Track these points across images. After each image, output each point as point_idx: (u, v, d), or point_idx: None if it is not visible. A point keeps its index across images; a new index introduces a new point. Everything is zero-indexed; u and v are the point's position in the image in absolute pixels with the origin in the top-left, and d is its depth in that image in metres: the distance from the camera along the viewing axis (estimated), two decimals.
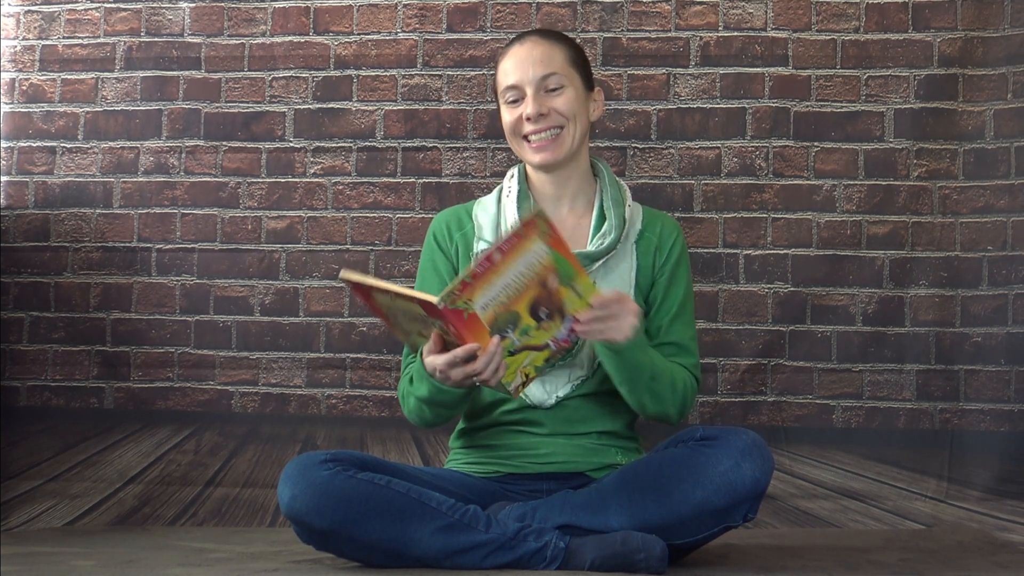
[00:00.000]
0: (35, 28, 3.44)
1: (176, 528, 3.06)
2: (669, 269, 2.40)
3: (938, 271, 3.21)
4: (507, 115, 2.36)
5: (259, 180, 3.36)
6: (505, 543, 2.13)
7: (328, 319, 3.32)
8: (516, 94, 2.35)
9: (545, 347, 2.10)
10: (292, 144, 3.36)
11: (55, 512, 3.13)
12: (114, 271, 3.38)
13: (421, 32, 3.34)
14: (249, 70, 3.38)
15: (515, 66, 2.34)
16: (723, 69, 3.28)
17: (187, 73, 3.39)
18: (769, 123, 3.26)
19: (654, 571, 2.11)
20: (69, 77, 3.43)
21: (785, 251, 3.24)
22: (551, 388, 2.31)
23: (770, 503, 3.01)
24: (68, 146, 3.42)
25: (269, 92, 3.37)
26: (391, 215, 3.33)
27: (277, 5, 3.38)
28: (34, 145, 3.43)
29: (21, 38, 3.44)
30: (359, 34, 3.36)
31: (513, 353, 2.08)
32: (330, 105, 3.36)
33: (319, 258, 3.34)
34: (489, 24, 3.32)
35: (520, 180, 2.42)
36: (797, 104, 3.26)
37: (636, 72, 3.29)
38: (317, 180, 3.35)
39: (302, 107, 3.36)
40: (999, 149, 3.21)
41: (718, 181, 3.26)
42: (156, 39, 3.41)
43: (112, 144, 3.41)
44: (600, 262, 2.34)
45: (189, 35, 3.40)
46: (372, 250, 3.32)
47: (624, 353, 2.18)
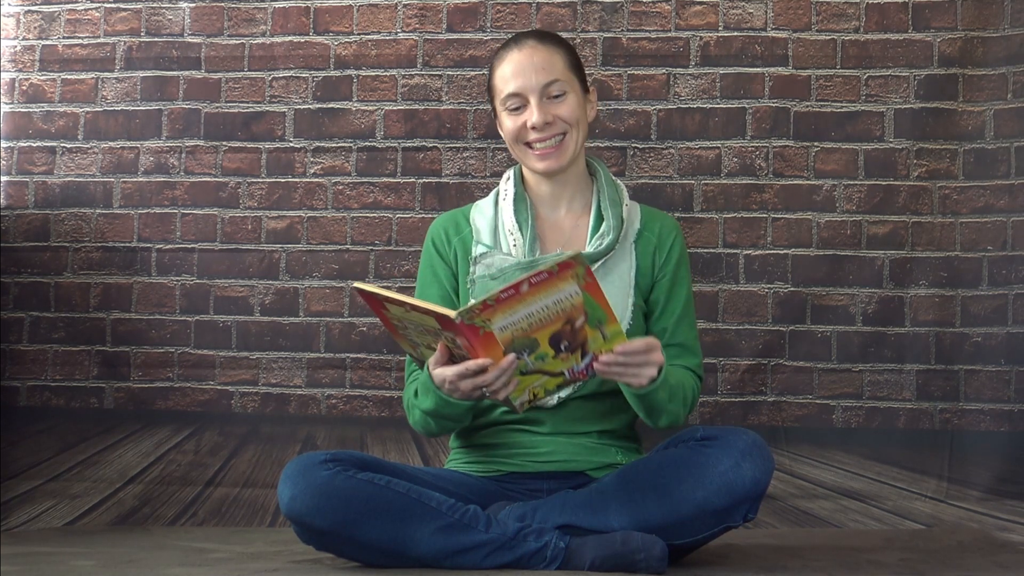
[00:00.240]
0: (35, 28, 3.44)
1: (176, 528, 3.06)
2: (671, 271, 2.39)
3: (938, 271, 3.21)
4: (509, 122, 2.35)
5: (259, 180, 3.36)
6: (505, 543, 2.13)
7: (328, 319, 3.32)
8: (518, 102, 2.33)
9: (559, 375, 2.09)
10: (292, 144, 3.36)
11: (55, 512, 3.13)
12: (114, 271, 3.38)
13: (421, 32, 3.34)
14: (249, 70, 3.38)
15: (516, 73, 2.33)
16: (723, 69, 3.28)
17: (187, 73, 3.39)
18: (769, 123, 3.26)
19: (654, 571, 2.11)
20: (69, 77, 3.43)
21: (785, 251, 3.24)
22: (558, 392, 2.31)
23: (770, 503, 3.01)
24: (68, 146, 3.42)
25: (269, 92, 3.37)
26: (391, 215, 3.33)
27: (277, 5, 3.38)
28: (34, 145, 3.43)
29: (21, 38, 3.44)
30: (359, 34, 3.36)
31: (525, 373, 2.07)
32: (330, 105, 3.36)
33: (319, 258, 3.33)
34: (489, 24, 3.32)
35: (516, 183, 2.42)
36: (797, 104, 3.26)
37: (636, 72, 3.29)
38: (317, 180, 3.35)
39: (302, 107, 3.36)
40: (999, 149, 3.21)
41: (718, 181, 3.26)
42: (156, 39, 3.41)
43: (112, 144, 3.41)
44: (599, 263, 2.34)
45: (189, 35, 3.40)
46: (372, 250, 3.32)
47: (645, 396, 2.17)
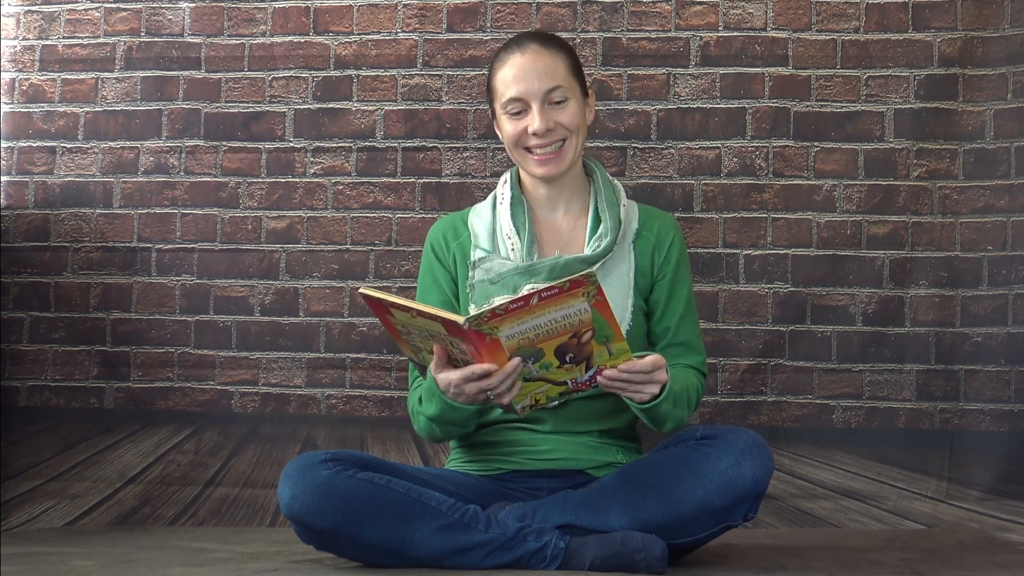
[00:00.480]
0: (35, 28, 3.44)
1: (176, 528, 3.06)
2: (671, 270, 2.40)
3: (938, 271, 3.21)
4: (509, 126, 2.35)
5: (259, 180, 3.36)
6: (505, 543, 2.13)
7: (328, 319, 3.32)
8: (519, 106, 2.33)
9: (563, 384, 2.10)
10: (292, 144, 3.36)
11: (55, 512, 3.13)
12: (114, 271, 3.38)
13: (421, 32, 3.34)
14: (249, 70, 3.38)
15: (518, 77, 2.32)
16: (723, 69, 3.28)
17: (187, 73, 3.39)
18: (769, 123, 3.26)
19: (654, 571, 2.11)
20: (69, 77, 3.43)
21: (785, 251, 3.24)
22: (560, 399, 2.31)
23: (770, 503, 3.01)
24: (68, 146, 3.42)
25: (269, 92, 3.37)
26: (391, 215, 3.33)
27: (277, 5, 3.38)
28: (34, 145, 3.43)
29: (21, 38, 3.44)
30: (359, 34, 3.36)
31: (528, 380, 2.08)
32: (330, 105, 3.36)
33: (319, 258, 3.33)
34: (489, 24, 3.32)
35: (513, 186, 2.42)
36: (797, 104, 3.26)
37: (636, 72, 3.29)
38: (317, 180, 3.35)
39: (302, 107, 3.36)
40: (999, 149, 3.21)
41: (718, 181, 3.26)
42: (156, 39, 3.41)
43: (112, 144, 3.41)
44: (598, 265, 2.33)
45: (189, 35, 3.40)
46: (372, 250, 3.32)
47: (650, 409, 2.17)
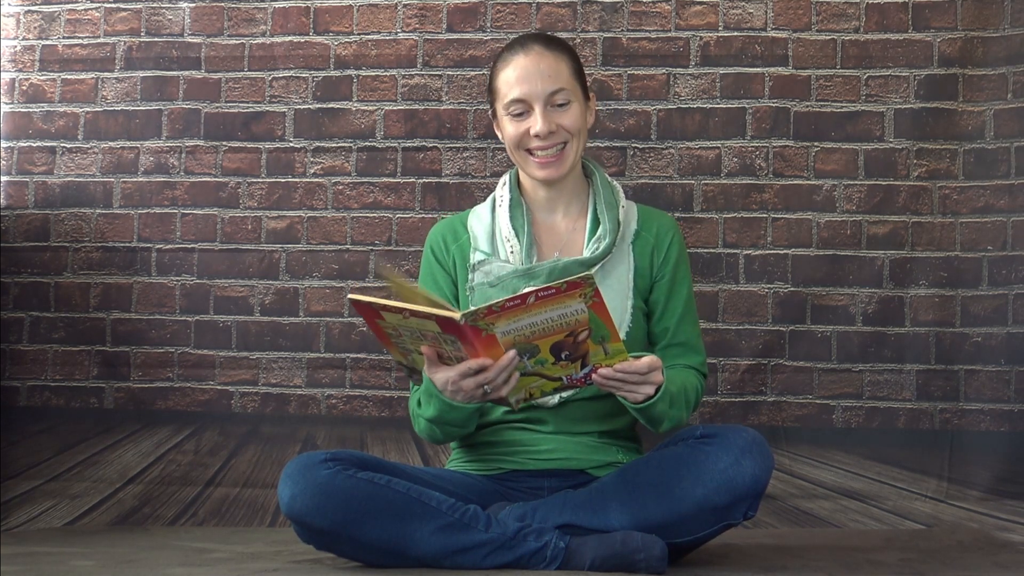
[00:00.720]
0: (35, 28, 3.44)
1: (176, 528, 3.06)
2: (670, 271, 2.40)
3: (938, 271, 3.21)
4: (511, 127, 2.35)
5: (259, 180, 3.36)
6: (505, 543, 2.13)
7: (328, 319, 3.32)
8: (522, 108, 2.33)
9: (557, 380, 2.11)
10: (292, 144, 3.36)
11: (55, 512, 3.13)
12: (114, 271, 3.38)
13: (421, 32, 3.34)
14: (249, 70, 3.38)
15: (521, 79, 2.32)
16: (723, 69, 3.28)
17: (187, 73, 3.39)
18: (769, 123, 3.26)
19: (654, 571, 2.11)
20: (69, 77, 3.43)
21: (785, 251, 3.24)
22: (555, 395, 2.31)
23: (770, 503, 3.01)
24: (68, 146, 3.42)
25: (269, 92, 3.37)
26: (391, 215, 3.33)
27: (277, 5, 3.38)
28: (34, 145, 3.43)
29: (21, 38, 3.44)
30: (359, 34, 3.36)
31: (523, 374, 2.09)
32: (330, 105, 3.36)
33: (319, 258, 3.33)
34: (489, 24, 3.32)
35: (512, 188, 2.42)
36: (797, 104, 3.26)
37: (636, 72, 3.29)
38: (317, 180, 3.35)
39: (302, 107, 3.36)
40: (999, 149, 3.21)
41: (718, 181, 3.26)
42: (156, 39, 3.41)
43: (112, 144, 3.41)
44: (597, 266, 2.33)
45: (189, 35, 3.40)
46: (372, 250, 3.32)
47: (645, 409, 2.18)
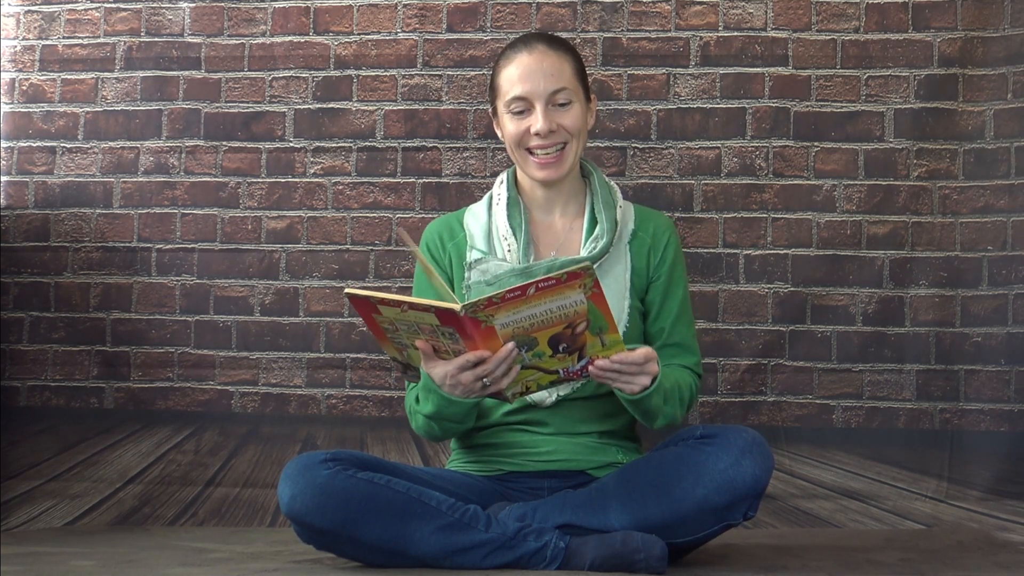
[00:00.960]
0: (35, 28, 3.44)
1: (176, 528, 3.06)
2: (666, 271, 2.40)
3: (938, 271, 3.21)
4: (511, 125, 2.35)
5: (259, 180, 3.36)
6: (505, 543, 2.13)
7: (328, 319, 3.32)
8: (523, 105, 2.33)
9: (554, 372, 2.11)
10: (292, 144, 3.36)
11: (55, 512, 3.13)
12: (114, 271, 3.38)
13: (421, 32, 3.34)
14: (249, 70, 3.38)
15: (524, 77, 2.32)
16: (723, 69, 3.28)
17: (187, 73, 3.39)
18: (769, 123, 3.26)
19: (654, 571, 2.11)
20: (69, 77, 3.43)
21: (785, 251, 3.24)
22: (552, 388, 2.31)
23: (770, 503, 3.01)
24: (68, 146, 3.42)
25: (269, 92, 3.37)
26: (391, 215, 3.33)
27: (277, 5, 3.38)
28: (34, 145, 3.43)
29: (21, 38, 3.44)
30: (359, 34, 3.36)
31: (521, 367, 2.09)
32: (330, 105, 3.36)
33: (319, 258, 3.33)
34: (489, 24, 3.32)
35: (510, 186, 2.42)
36: (797, 104, 3.26)
37: (636, 72, 3.29)
38: (317, 180, 3.35)
39: (302, 107, 3.36)
40: (999, 149, 3.21)
41: (718, 181, 3.26)
42: (156, 39, 3.41)
43: (112, 144, 3.41)
44: (595, 266, 2.33)
45: (189, 35, 3.40)
46: (372, 250, 3.32)
47: (639, 402, 2.18)
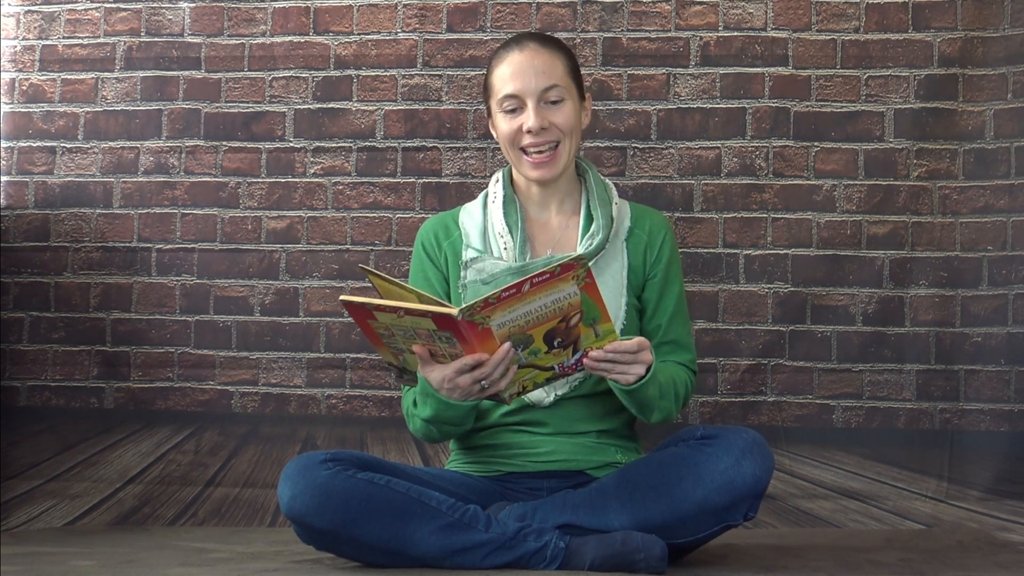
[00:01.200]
0: (35, 28, 3.44)
1: (176, 528, 3.06)
2: (662, 269, 2.40)
3: (938, 271, 3.21)
4: (504, 124, 2.35)
5: (259, 180, 3.36)
6: (505, 543, 2.13)
7: (328, 319, 3.32)
8: (515, 103, 2.34)
9: (550, 369, 2.12)
10: (292, 144, 3.36)
11: (55, 512, 3.13)
12: (114, 271, 3.38)
13: (421, 32, 3.34)
14: (249, 70, 3.38)
15: (515, 75, 2.33)
16: (723, 69, 3.28)
17: (187, 73, 3.39)
18: (769, 123, 3.26)
19: (654, 571, 2.11)
20: (69, 77, 3.43)
21: (785, 251, 3.24)
22: (549, 388, 2.31)
23: (770, 503, 3.01)
24: (68, 146, 3.42)
25: (269, 92, 3.37)
26: (391, 215, 3.33)
27: (277, 5, 3.38)
28: (34, 145, 3.43)
29: (21, 38, 3.44)
30: (359, 34, 3.36)
31: (519, 366, 2.10)
32: (330, 105, 3.36)
33: (319, 258, 3.33)
34: (489, 24, 3.32)
35: (505, 184, 2.43)
36: (797, 104, 3.26)
37: (636, 72, 3.29)
38: (317, 180, 3.35)
39: (302, 107, 3.36)
40: (999, 149, 3.21)
41: (718, 181, 3.26)
42: (156, 39, 3.41)
43: (112, 144, 3.41)
44: (591, 263, 2.33)
45: (189, 35, 3.40)
46: (372, 250, 3.32)
47: (633, 392, 2.18)
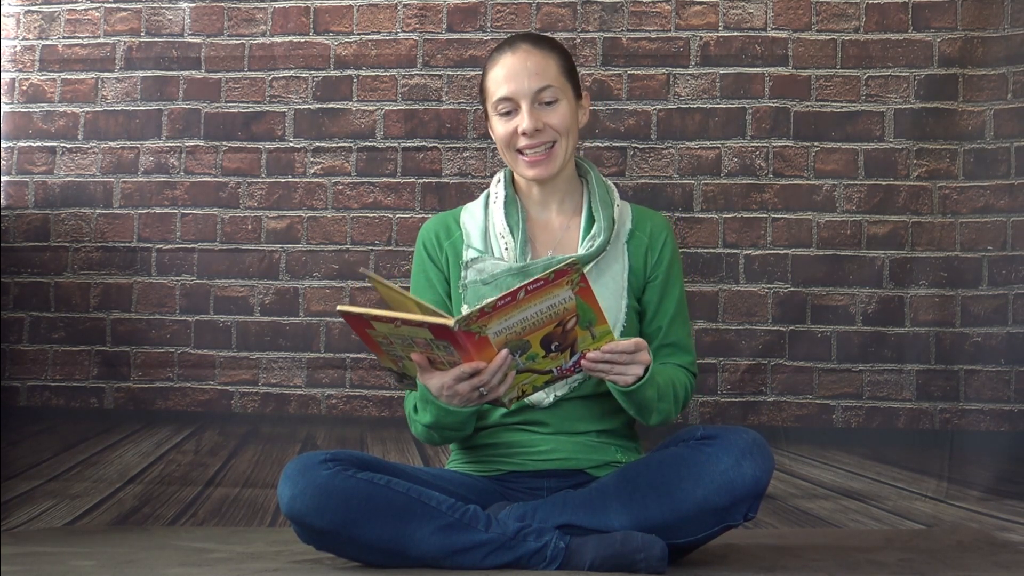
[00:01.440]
0: (35, 28, 3.44)
1: (176, 528, 3.06)
2: (663, 272, 2.40)
3: (938, 271, 3.21)
4: (500, 127, 2.36)
5: (259, 180, 3.36)
6: (505, 543, 2.13)
7: (328, 319, 3.32)
8: (510, 106, 2.34)
9: (548, 372, 2.12)
10: (292, 144, 3.36)
11: (55, 512, 3.13)
12: (114, 271, 3.38)
13: (421, 32, 3.34)
14: (249, 70, 3.38)
15: (508, 77, 2.33)
16: (723, 69, 3.28)
17: (187, 73, 3.39)
18: (769, 123, 3.26)
19: (654, 571, 2.11)
20: (69, 77, 3.43)
21: (785, 251, 3.24)
22: (549, 389, 2.31)
23: (770, 503, 3.01)
24: (68, 146, 3.42)
25: (269, 92, 3.37)
26: (391, 215, 3.33)
27: (277, 5, 3.38)
28: (34, 145, 3.43)
29: (21, 38, 3.44)
30: (359, 34, 3.36)
31: (517, 372, 2.10)
32: (330, 105, 3.36)
33: (319, 258, 3.33)
34: (489, 24, 3.32)
35: (507, 185, 2.43)
36: (797, 104, 3.26)
37: (636, 72, 3.29)
38: (317, 180, 3.35)
39: (302, 107, 3.36)
40: (999, 149, 3.21)
41: (718, 181, 3.26)
42: (156, 39, 3.41)
43: (112, 144, 3.41)
44: (591, 264, 2.34)
45: (189, 35, 3.40)
46: (372, 250, 3.32)
47: (632, 394, 2.19)
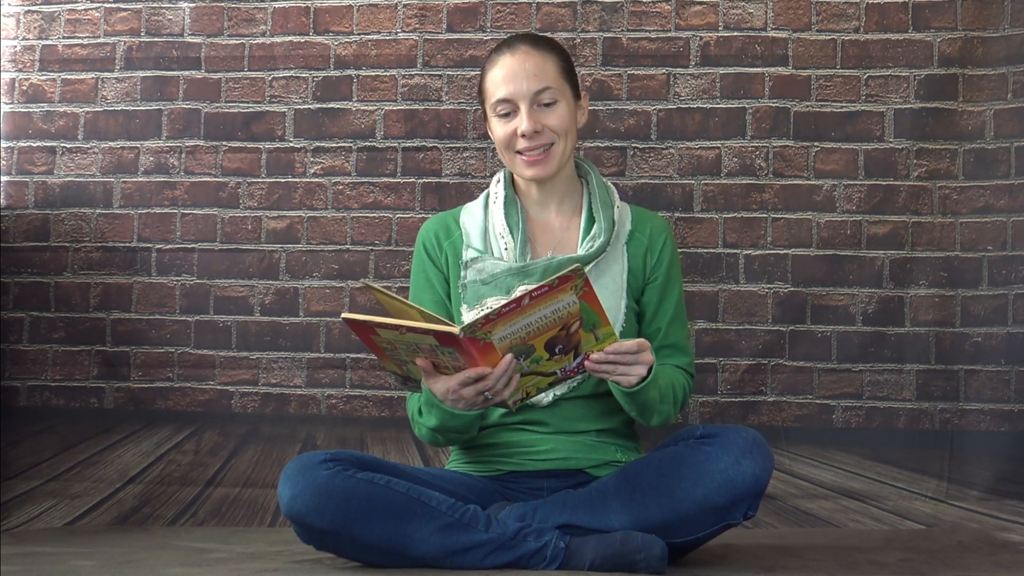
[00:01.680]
0: (35, 28, 3.44)
1: (176, 528, 3.06)
2: (662, 273, 2.40)
3: (938, 271, 3.21)
4: (499, 128, 2.36)
5: (259, 180, 3.36)
6: (505, 543, 2.13)
7: (328, 319, 3.32)
8: (508, 107, 2.34)
9: (552, 374, 2.13)
10: (292, 144, 3.36)
11: (55, 512, 3.13)
12: (114, 271, 3.38)
13: (421, 32, 3.34)
14: (249, 70, 3.38)
15: (507, 78, 2.33)
16: (723, 69, 3.28)
17: (187, 73, 3.39)
18: (769, 123, 3.26)
19: (654, 571, 2.11)
20: (69, 77, 3.43)
21: (785, 251, 3.24)
22: (550, 389, 2.31)
23: (770, 503, 3.01)
24: (68, 146, 3.42)
25: (269, 92, 3.37)
26: (391, 215, 3.33)
27: (277, 5, 3.38)
28: (34, 145, 3.43)
29: (21, 38, 3.44)
30: (359, 34, 3.36)
31: (521, 375, 2.11)
32: (330, 105, 3.36)
33: (319, 258, 3.33)
34: (489, 24, 3.32)
35: (507, 185, 2.43)
36: (797, 104, 3.26)
37: (636, 72, 3.29)
38: (317, 180, 3.35)
39: (302, 107, 3.36)
40: (999, 149, 3.21)
41: (718, 181, 3.26)
42: (156, 39, 3.41)
43: (112, 144, 3.41)
44: (591, 265, 2.34)
45: (189, 35, 3.40)
46: (372, 250, 3.32)
47: (635, 394, 2.19)
